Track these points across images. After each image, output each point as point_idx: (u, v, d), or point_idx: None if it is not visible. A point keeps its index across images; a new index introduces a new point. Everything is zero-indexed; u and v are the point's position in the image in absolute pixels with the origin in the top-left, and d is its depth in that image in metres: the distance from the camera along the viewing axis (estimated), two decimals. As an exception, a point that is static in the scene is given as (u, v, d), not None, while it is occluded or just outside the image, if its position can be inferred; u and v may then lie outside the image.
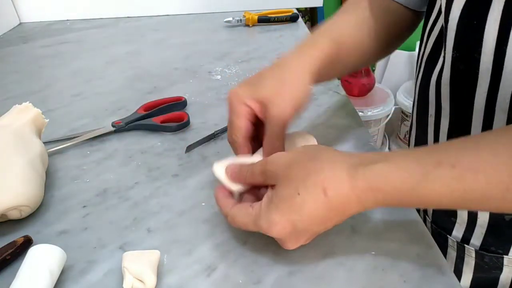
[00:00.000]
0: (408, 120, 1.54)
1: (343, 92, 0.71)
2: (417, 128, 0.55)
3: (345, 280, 0.39)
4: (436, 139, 0.49)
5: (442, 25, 0.44)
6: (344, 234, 0.43)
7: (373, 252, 0.41)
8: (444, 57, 0.44)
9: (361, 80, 1.44)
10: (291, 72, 0.45)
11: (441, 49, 0.45)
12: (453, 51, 0.42)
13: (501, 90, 0.39)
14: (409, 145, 0.61)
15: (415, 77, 0.54)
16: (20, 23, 1.15)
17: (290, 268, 0.40)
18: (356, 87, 1.45)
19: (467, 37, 0.40)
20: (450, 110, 0.46)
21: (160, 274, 0.40)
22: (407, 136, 1.57)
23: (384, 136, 1.62)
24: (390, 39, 0.55)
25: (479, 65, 0.40)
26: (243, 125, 0.45)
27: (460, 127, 0.45)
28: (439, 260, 0.40)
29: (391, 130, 1.68)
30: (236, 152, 0.46)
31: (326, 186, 0.35)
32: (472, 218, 0.48)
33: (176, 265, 0.41)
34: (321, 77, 0.48)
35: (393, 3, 0.53)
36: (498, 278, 0.49)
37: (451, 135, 0.47)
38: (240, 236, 0.44)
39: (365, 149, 0.56)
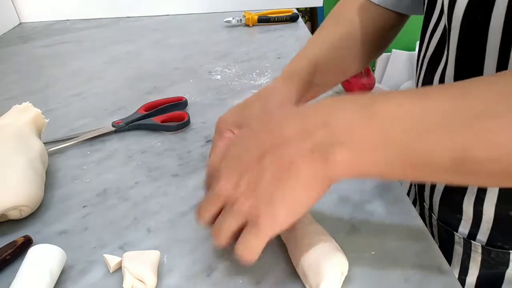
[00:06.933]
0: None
1: (343, 92, 0.71)
2: None
3: (345, 280, 0.39)
4: None
5: (445, 25, 0.44)
6: (344, 233, 0.43)
7: (373, 252, 0.41)
8: (447, 56, 0.44)
9: (361, 80, 1.44)
10: (274, 101, 0.47)
11: (444, 49, 0.45)
12: (456, 50, 0.42)
13: None
14: None
15: (415, 78, 0.54)
16: (20, 23, 1.15)
17: (290, 268, 0.40)
18: (356, 87, 1.45)
19: (471, 35, 0.40)
20: None
21: (160, 274, 0.40)
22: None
23: (384, 136, 1.63)
24: (378, 44, 0.57)
25: (484, 63, 0.40)
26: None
27: None
28: (439, 260, 0.40)
29: (391, 130, 1.69)
30: None
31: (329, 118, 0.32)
32: (478, 213, 0.48)
33: (176, 265, 0.41)
34: (304, 99, 0.51)
35: (379, 9, 0.54)
36: (504, 274, 0.49)
37: None
38: (240, 236, 0.44)
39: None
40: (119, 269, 0.40)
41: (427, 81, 0.49)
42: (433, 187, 0.53)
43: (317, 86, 0.52)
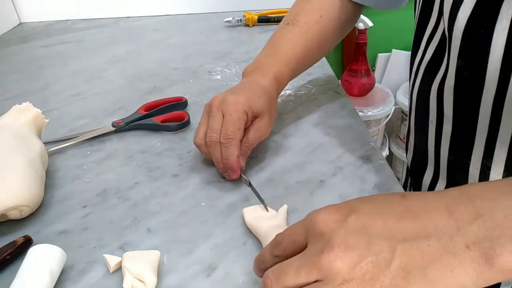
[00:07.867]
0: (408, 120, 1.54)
1: (343, 92, 0.71)
2: (416, 134, 0.55)
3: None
4: (438, 145, 0.49)
5: (443, 33, 0.44)
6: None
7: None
8: (447, 65, 0.44)
9: (361, 80, 1.44)
10: (272, 94, 0.55)
11: (443, 57, 0.45)
12: (457, 59, 0.42)
13: (509, 95, 0.39)
14: (407, 151, 0.61)
15: (410, 83, 0.54)
16: (20, 23, 1.15)
17: (290, 268, 0.40)
18: (356, 87, 1.45)
19: (474, 46, 0.40)
20: (453, 116, 0.46)
21: (160, 274, 0.40)
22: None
23: (384, 136, 1.62)
24: (341, 34, 0.64)
25: (485, 73, 0.40)
26: (242, 128, 0.50)
27: (464, 132, 0.45)
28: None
29: (391, 130, 1.68)
30: (226, 151, 0.48)
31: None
32: None
33: (176, 265, 0.41)
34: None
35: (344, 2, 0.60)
36: None
37: (454, 140, 0.47)
38: (240, 236, 0.44)
39: (365, 149, 0.56)
40: (119, 269, 0.41)
41: (424, 88, 0.49)
42: (431, 187, 0.53)
43: (291, 78, 0.61)
